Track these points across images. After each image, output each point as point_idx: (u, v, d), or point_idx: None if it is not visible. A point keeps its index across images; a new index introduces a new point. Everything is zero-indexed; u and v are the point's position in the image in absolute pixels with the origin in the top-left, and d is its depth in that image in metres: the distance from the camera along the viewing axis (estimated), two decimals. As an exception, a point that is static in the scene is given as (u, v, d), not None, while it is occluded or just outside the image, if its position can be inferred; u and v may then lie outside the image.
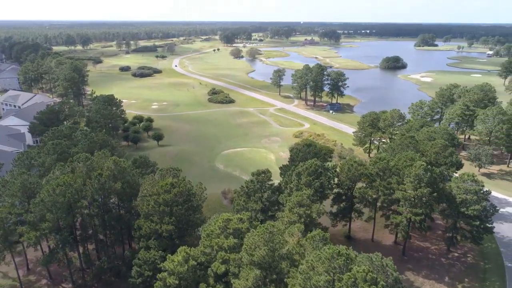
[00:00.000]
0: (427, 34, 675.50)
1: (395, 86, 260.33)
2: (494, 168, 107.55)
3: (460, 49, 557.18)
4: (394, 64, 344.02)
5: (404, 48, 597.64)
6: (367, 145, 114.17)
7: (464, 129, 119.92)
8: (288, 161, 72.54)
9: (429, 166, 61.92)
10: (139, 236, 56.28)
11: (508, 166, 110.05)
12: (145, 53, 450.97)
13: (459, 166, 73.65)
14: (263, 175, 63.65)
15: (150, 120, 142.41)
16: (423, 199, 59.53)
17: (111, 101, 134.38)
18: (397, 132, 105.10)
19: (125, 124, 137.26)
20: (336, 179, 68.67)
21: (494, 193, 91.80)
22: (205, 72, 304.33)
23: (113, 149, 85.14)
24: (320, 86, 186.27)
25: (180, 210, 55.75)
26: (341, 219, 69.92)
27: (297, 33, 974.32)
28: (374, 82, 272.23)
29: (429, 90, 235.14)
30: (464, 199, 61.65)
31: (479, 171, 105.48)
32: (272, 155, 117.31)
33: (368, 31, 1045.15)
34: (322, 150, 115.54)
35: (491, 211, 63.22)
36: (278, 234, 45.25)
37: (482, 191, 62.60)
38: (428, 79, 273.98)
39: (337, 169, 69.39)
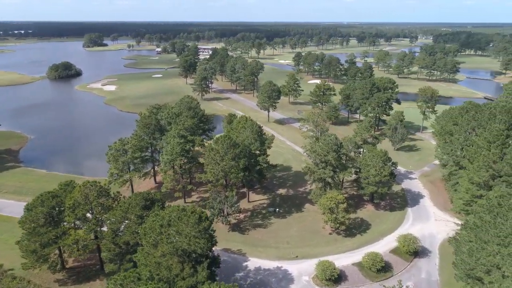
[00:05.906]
0: (94, 33, 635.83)
1: (76, 102, 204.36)
2: (236, 215, 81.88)
3: (131, 48, 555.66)
4: (66, 72, 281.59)
5: (73, 50, 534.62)
6: None
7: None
8: None
9: None
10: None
11: (248, 201, 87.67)
12: None
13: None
14: None
15: None
16: None
17: None
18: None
19: None
20: None
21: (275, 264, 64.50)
22: None
23: None
24: None
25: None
26: None
27: None
28: (45, 101, 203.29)
29: (118, 102, 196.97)
30: None
31: (229, 225, 76.49)
32: None
33: (23, 32, 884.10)
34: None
35: None
36: None
37: None
38: (112, 87, 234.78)
39: None
